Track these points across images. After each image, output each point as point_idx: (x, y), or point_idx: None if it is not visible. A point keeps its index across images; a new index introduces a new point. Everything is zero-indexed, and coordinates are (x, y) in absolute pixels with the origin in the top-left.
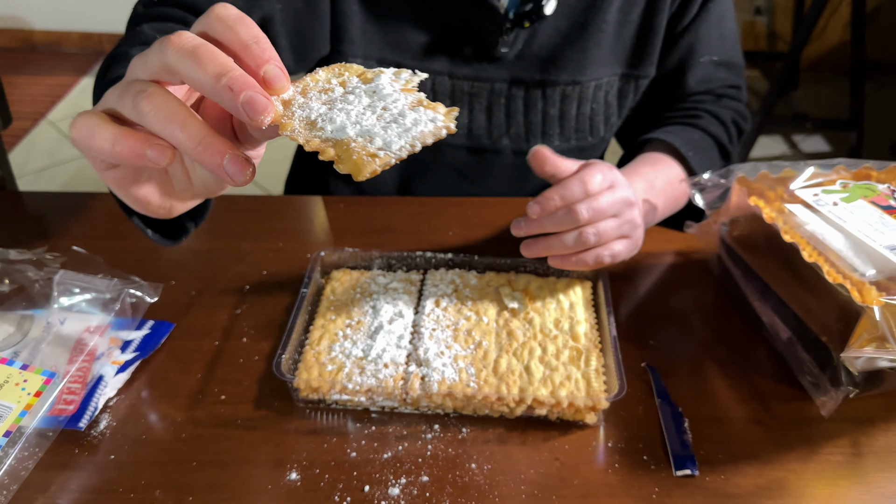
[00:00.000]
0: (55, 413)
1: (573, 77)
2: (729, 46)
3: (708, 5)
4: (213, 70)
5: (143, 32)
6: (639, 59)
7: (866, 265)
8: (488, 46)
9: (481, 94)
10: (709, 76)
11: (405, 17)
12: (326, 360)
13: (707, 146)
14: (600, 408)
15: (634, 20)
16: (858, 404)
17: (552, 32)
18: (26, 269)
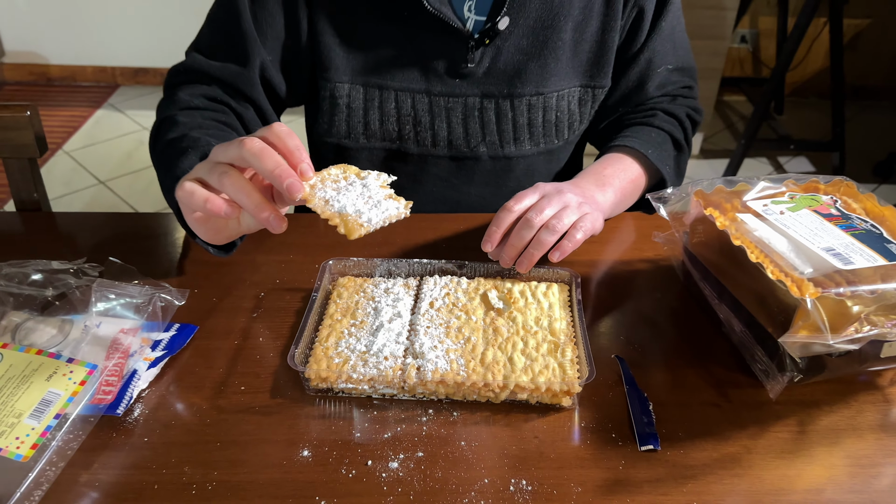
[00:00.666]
0: (95, 402)
1: (537, 89)
2: (681, 54)
3: (659, 24)
4: (270, 166)
5: (181, 98)
6: (595, 72)
7: (805, 264)
8: (458, 65)
9: (457, 108)
10: (665, 82)
11: (381, 44)
12: (334, 353)
13: (662, 140)
14: (574, 392)
15: (589, 38)
16: (805, 389)
17: (515, 50)
18: (67, 278)
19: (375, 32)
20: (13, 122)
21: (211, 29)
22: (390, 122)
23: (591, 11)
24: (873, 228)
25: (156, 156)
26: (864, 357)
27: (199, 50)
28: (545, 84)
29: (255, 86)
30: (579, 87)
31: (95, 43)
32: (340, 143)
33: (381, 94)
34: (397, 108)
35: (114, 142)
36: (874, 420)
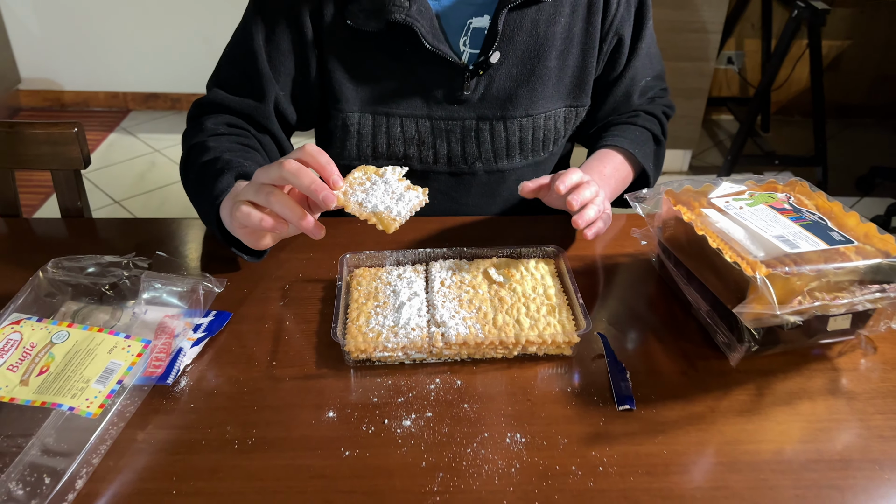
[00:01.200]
0: (148, 374)
1: (526, 111)
2: (656, 64)
3: (638, 46)
4: (307, 182)
5: (207, 126)
6: (578, 93)
7: (758, 249)
8: (456, 92)
9: (455, 129)
10: (645, 89)
11: (386, 77)
12: (367, 329)
13: (645, 139)
14: (574, 341)
15: (571, 65)
16: (762, 360)
17: (506, 78)
18: (118, 270)
19: (381, 67)
20: (62, 137)
21: (230, 66)
22: (396, 145)
23: (571, 41)
24: (820, 220)
25: (190, 179)
26: (813, 331)
27: (219, 85)
28: (534, 107)
29: (270, 118)
30: (564, 108)
31: (107, 70)
32: (351, 164)
33: (388, 120)
34: (402, 132)
35: (127, 163)
36: (823, 385)
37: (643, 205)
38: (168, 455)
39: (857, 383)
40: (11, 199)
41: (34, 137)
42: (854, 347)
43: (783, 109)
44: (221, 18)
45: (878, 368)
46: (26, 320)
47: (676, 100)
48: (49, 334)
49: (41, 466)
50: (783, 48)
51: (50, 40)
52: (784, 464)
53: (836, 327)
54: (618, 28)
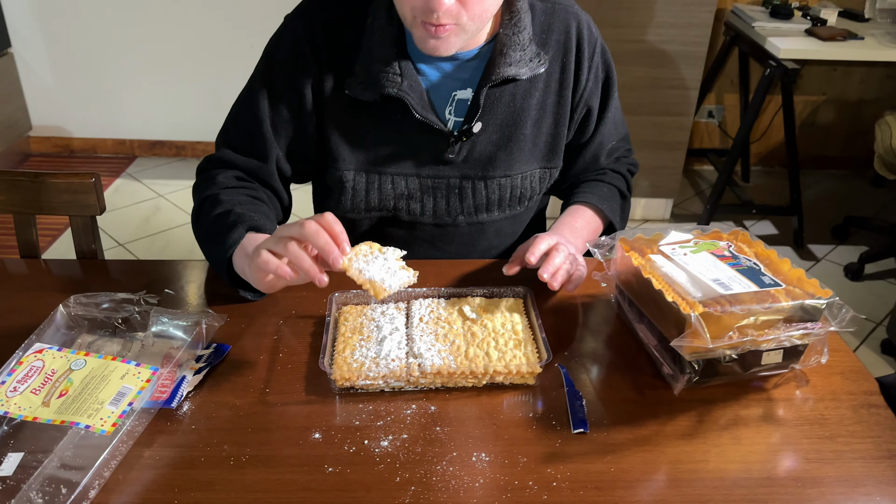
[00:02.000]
0: (154, 398)
1: (505, 172)
2: (621, 129)
3: (605, 115)
4: (322, 243)
5: (219, 180)
6: (551, 156)
7: (696, 291)
8: (442, 154)
9: (441, 187)
10: (612, 151)
11: (379, 140)
12: (351, 360)
13: (612, 194)
14: (536, 372)
15: (545, 132)
16: (705, 391)
17: (487, 143)
18: (130, 306)
19: (375, 133)
20: (81, 186)
21: (236, 128)
22: (387, 199)
23: (545, 112)
24: (755, 266)
25: (203, 229)
26: (749, 364)
27: (227, 145)
28: (511, 168)
29: (272, 175)
30: (539, 169)
31: (115, 118)
32: (346, 216)
33: (381, 178)
34: (393, 189)
35: (132, 208)
36: (757, 413)
37: (601, 251)
38: (171, 470)
39: (789, 412)
40: (32, 242)
41: (56, 186)
42: (789, 380)
43: (763, 160)
44: (226, 71)
45: (808, 399)
46: (48, 349)
47: (657, 151)
48: (68, 362)
49: (58, 479)
50: (758, 104)
51: (61, 90)
52: (717, 481)
53: (769, 361)
54: (587, 100)
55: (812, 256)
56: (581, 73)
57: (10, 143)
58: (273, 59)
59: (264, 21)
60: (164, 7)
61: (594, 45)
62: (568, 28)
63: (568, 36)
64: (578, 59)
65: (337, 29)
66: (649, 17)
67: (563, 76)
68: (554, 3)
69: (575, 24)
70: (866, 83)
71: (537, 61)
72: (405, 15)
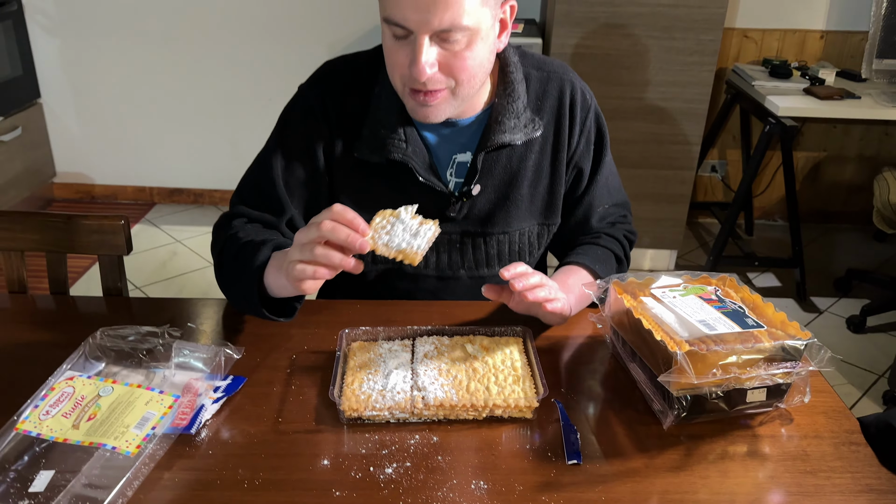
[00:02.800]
0: (175, 424)
1: (503, 230)
2: (615, 194)
3: (595, 177)
4: (343, 236)
5: (234, 224)
6: (548, 213)
7: (683, 330)
8: (443, 212)
9: (443, 241)
10: (605, 215)
11: (385, 199)
12: (359, 392)
13: (607, 257)
14: (534, 406)
15: (541, 191)
16: (693, 427)
17: (485, 202)
18: (154, 339)
19: (382, 192)
20: (111, 227)
21: (251, 188)
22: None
23: (541, 173)
24: (739, 309)
25: (228, 263)
26: (734, 402)
27: (242, 202)
28: (510, 225)
29: (285, 232)
30: (537, 225)
31: (136, 166)
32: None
33: None
34: None
35: (150, 252)
36: (743, 449)
37: (597, 294)
38: (189, 491)
39: (773, 448)
40: (62, 280)
41: (87, 227)
42: (773, 418)
43: (766, 214)
44: (245, 122)
45: (792, 436)
46: (78, 377)
47: (661, 204)
48: (97, 388)
49: (85, 497)
50: (758, 159)
51: (86, 139)
52: None
53: (754, 399)
54: (577, 162)
55: (815, 309)
56: (573, 135)
57: (34, 189)
58: (288, 124)
59: (281, 76)
60: (187, 62)
61: (587, 109)
62: (562, 94)
63: (561, 102)
64: (571, 123)
65: (346, 96)
66: (650, 76)
67: (558, 139)
68: (549, 72)
69: (569, 90)
70: (865, 140)
71: (532, 126)
72: (396, 85)
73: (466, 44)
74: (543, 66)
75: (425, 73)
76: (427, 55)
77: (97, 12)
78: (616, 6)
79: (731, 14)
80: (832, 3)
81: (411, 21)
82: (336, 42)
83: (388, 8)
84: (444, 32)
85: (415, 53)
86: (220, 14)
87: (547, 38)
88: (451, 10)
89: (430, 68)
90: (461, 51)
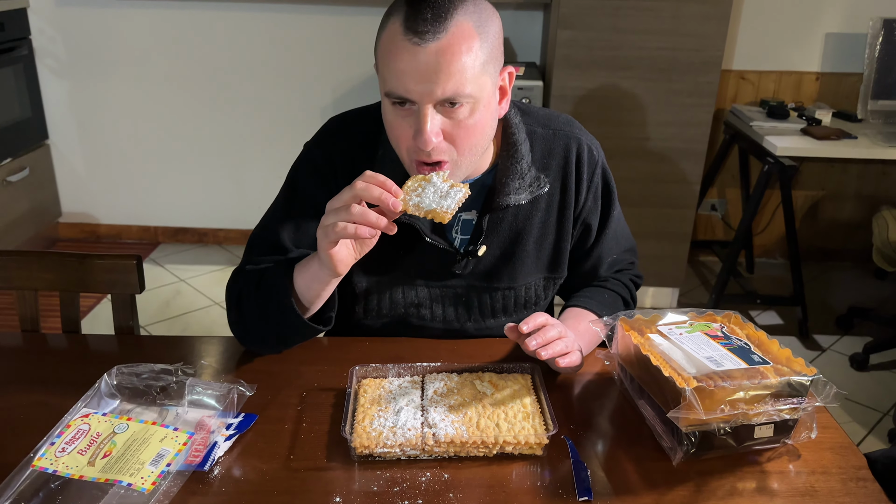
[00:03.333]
0: (189, 461)
1: (509, 284)
2: (623, 243)
3: (605, 231)
4: (377, 194)
5: (245, 270)
6: (554, 267)
7: (691, 367)
8: (449, 268)
9: (449, 295)
10: (613, 263)
11: (391, 256)
12: (370, 429)
13: (613, 300)
14: (544, 443)
15: (547, 247)
16: (701, 463)
17: (491, 258)
18: (167, 376)
19: (388, 250)
20: (124, 267)
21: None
22: (398, 307)
23: (547, 230)
24: (745, 345)
25: (252, 300)
26: (742, 438)
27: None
28: (515, 280)
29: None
30: (543, 278)
31: (141, 205)
32: (360, 322)
33: (392, 289)
34: (403, 298)
35: (153, 292)
36: (751, 485)
37: (605, 331)
38: None
39: (781, 484)
40: (75, 318)
41: (101, 266)
42: (781, 454)
43: (766, 252)
44: (249, 162)
45: (800, 472)
46: (94, 414)
47: (662, 242)
48: (112, 425)
49: None
50: (757, 198)
51: (92, 179)
52: None
53: (761, 435)
54: (585, 218)
55: (818, 346)
56: (580, 192)
57: (39, 229)
58: (296, 184)
59: (286, 116)
60: (191, 103)
61: (594, 165)
62: (568, 152)
63: (567, 160)
64: (578, 180)
65: (351, 156)
66: (650, 117)
67: (564, 196)
68: (555, 129)
69: (575, 148)
70: (863, 179)
71: (537, 185)
72: (403, 158)
73: (469, 112)
74: (549, 123)
75: (431, 141)
76: (432, 124)
77: (105, 56)
78: (615, 49)
79: (727, 56)
80: (826, 45)
81: (414, 92)
82: (340, 84)
83: (390, 83)
84: (447, 101)
85: (419, 123)
86: (225, 56)
87: (548, 81)
88: (454, 79)
89: (435, 137)
90: (464, 119)
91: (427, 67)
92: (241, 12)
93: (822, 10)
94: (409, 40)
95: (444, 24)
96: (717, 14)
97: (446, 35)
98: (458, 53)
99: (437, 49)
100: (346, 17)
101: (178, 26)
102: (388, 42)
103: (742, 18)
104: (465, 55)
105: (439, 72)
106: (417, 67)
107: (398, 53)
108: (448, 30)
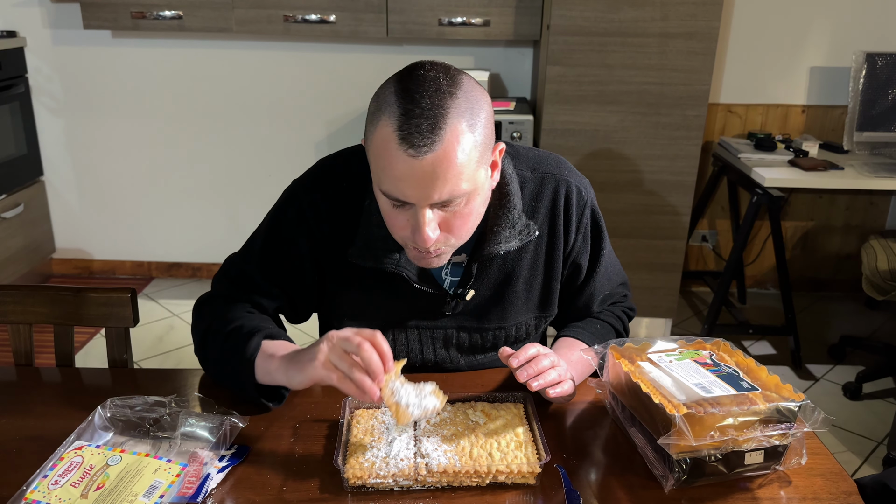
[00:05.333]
0: (181, 493)
1: (499, 325)
2: (615, 279)
3: (596, 270)
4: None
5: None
6: (544, 307)
7: (681, 394)
8: (439, 310)
9: (439, 337)
10: (605, 298)
11: (380, 300)
12: (363, 460)
13: (606, 331)
14: (536, 472)
15: (536, 287)
16: (694, 490)
17: (480, 299)
18: (161, 409)
19: (376, 295)
20: (118, 300)
21: (235, 274)
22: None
23: (536, 270)
24: (734, 372)
25: (218, 345)
26: (733, 465)
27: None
28: (505, 320)
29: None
30: (534, 317)
31: (135, 241)
32: None
33: (384, 334)
34: (393, 340)
35: (147, 326)
36: None
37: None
38: None
39: None
40: (69, 352)
41: (96, 300)
42: (772, 481)
43: (758, 283)
44: (244, 197)
45: (791, 498)
46: (87, 446)
47: (654, 273)
48: (105, 458)
49: None
50: (747, 229)
51: (86, 215)
52: None
53: (752, 462)
54: (575, 258)
55: (811, 376)
56: (570, 234)
57: (33, 265)
58: (279, 223)
59: (280, 152)
60: (185, 139)
61: (583, 207)
62: (556, 195)
63: (556, 202)
64: (567, 222)
65: (338, 204)
66: (639, 150)
67: (553, 238)
68: (543, 173)
69: (563, 190)
70: (851, 210)
71: (527, 232)
72: (396, 238)
73: (465, 203)
74: (538, 166)
75: (430, 240)
76: (430, 224)
77: (101, 94)
78: (604, 84)
79: (715, 90)
80: (811, 79)
81: (411, 197)
82: (333, 121)
83: (385, 184)
84: (445, 201)
85: (417, 222)
86: (219, 93)
87: (538, 115)
88: (450, 183)
89: (433, 233)
90: (460, 210)
91: (424, 175)
92: (235, 50)
93: (806, 45)
94: (405, 151)
95: (440, 133)
96: (702, 49)
97: (442, 144)
98: (453, 159)
99: (434, 159)
100: (340, 55)
101: (172, 65)
102: (381, 145)
103: (728, 53)
104: (461, 157)
105: (436, 179)
106: (414, 175)
107: (394, 162)
108: (443, 139)
